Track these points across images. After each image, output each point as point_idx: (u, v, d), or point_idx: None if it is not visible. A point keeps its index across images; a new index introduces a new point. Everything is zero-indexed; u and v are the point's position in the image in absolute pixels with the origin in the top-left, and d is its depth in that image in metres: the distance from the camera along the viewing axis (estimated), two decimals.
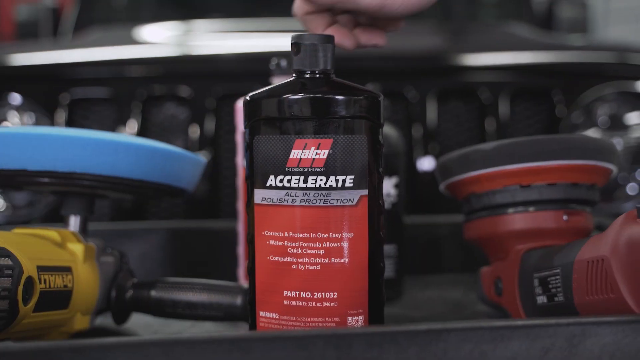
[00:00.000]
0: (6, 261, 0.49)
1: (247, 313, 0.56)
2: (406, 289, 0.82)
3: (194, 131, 1.23)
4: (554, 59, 1.29)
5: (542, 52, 1.29)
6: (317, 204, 0.49)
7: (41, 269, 0.54)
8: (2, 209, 1.22)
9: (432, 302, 0.78)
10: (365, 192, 0.49)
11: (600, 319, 0.45)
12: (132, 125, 1.22)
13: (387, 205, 0.78)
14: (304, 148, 0.49)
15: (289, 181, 0.49)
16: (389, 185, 0.79)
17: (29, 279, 0.51)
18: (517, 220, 0.64)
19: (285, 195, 0.49)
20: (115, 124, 1.22)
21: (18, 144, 0.60)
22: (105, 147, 0.61)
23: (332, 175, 0.49)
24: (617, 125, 1.27)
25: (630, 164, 1.27)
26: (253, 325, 0.52)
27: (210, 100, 1.22)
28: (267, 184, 0.50)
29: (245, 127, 0.52)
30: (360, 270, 0.49)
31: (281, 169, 0.50)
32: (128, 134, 1.04)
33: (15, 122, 1.25)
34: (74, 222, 0.66)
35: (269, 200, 0.50)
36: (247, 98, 0.52)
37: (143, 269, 0.82)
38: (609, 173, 0.66)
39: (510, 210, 0.65)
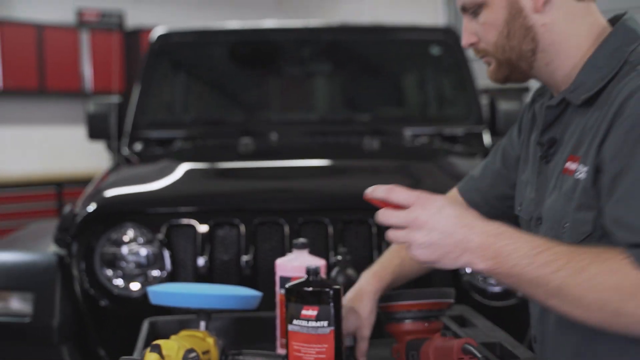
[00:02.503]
0: (195, 353, 1.28)
1: None
2: None
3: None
4: None
5: None
6: (313, 332, 1.27)
7: (202, 353, 1.32)
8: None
9: (371, 356, 1.55)
10: (333, 327, 1.27)
11: None
12: (205, 240, 2.03)
13: None
14: (307, 309, 1.28)
15: (301, 322, 1.28)
16: None
17: (201, 359, 1.30)
18: (405, 326, 1.43)
19: (300, 327, 1.28)
20: (195, 242, 2.03)
21: (186, 296, 1.39)
22: (223, 297, 1.40)
23: (319, 321, 1.27)
24: None
25: None
26: None
27: (249, 227, 2.03)
28: (293, 322, 1.29)
29: (285, 297, 1.31)
30: (332, 358, 1.27)
31: (298, 317, 1.28)
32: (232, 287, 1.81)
33: (129, 239, 2.06)
34: (203, 325, 1.45)
35: (293, 329, 1.29)
36: (286, 287, 1.31)
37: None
38: (449, 304, 1.44)
39: (404, 321, 1.43)
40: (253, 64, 3.55)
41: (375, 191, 1.15)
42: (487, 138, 3.19)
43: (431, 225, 1.10)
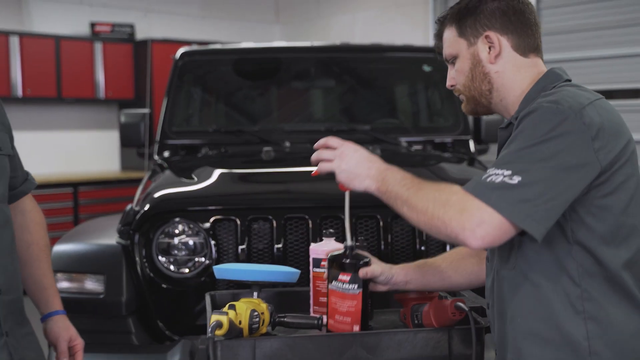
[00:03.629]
0: (256, 312, 1.74)
1: (319, 326, 1.80)
2: (374, 314, 2.06)
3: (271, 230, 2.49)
4: None
5: None
6: (346, 292, 1.72)
7: (260, 314, 1.78)
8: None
9: (382, 320, 2.01)
10: (361, 289, 1.72)
11: (415, 330, 1.70)
12: (244, 232, 2.48)
13: None
14: (342, 275, 1.73)
15: (338, 284, 1.73)
16: None
17: (261, 317, 1.76)
18: (411, 294, 1.88)
19: (337, 287, 1.73)
20: (236, 234, 2.49)
21: (243, 272, 1.84)
22: (273, 272, 1.85)
23: (351, 283, 1.73)
24: None
25: None
26: (327, 331, 1.76)
27: (280, 221, 2.49)
28: (332, 283, 1.74)
29: (327, 264, 1.76)
30: (359, 312, 1.72)
31: (336, 279, 1.74)
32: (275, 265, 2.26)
33: (179, 231, 2.51)
34: (256, 294, 1.90)
35: (332, 287, 1.74)
36: (329, 257, 1.76)
37: None
38: (436, 295, 1.89)
39: (410, 290, 1.89)
40: (265, 79, 3.99)
41: (319, 142, 1.71)
42: (472, 146, 3.66)
43: (349, 158, 1.64)
